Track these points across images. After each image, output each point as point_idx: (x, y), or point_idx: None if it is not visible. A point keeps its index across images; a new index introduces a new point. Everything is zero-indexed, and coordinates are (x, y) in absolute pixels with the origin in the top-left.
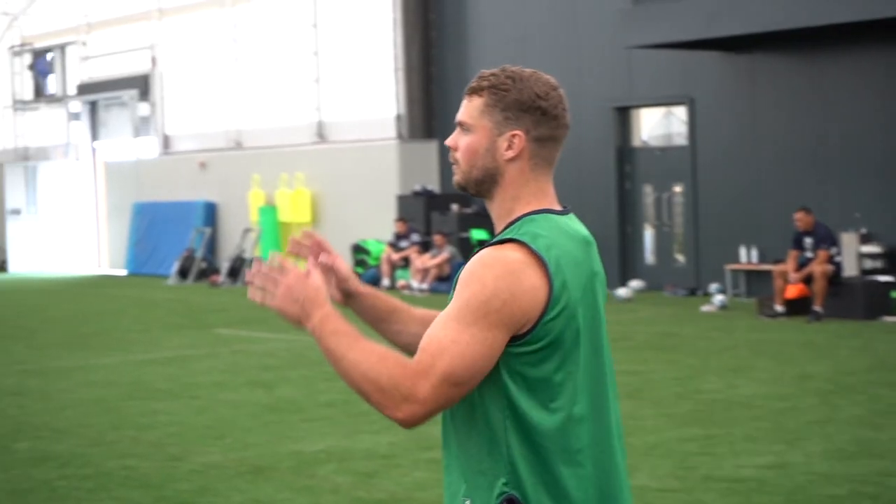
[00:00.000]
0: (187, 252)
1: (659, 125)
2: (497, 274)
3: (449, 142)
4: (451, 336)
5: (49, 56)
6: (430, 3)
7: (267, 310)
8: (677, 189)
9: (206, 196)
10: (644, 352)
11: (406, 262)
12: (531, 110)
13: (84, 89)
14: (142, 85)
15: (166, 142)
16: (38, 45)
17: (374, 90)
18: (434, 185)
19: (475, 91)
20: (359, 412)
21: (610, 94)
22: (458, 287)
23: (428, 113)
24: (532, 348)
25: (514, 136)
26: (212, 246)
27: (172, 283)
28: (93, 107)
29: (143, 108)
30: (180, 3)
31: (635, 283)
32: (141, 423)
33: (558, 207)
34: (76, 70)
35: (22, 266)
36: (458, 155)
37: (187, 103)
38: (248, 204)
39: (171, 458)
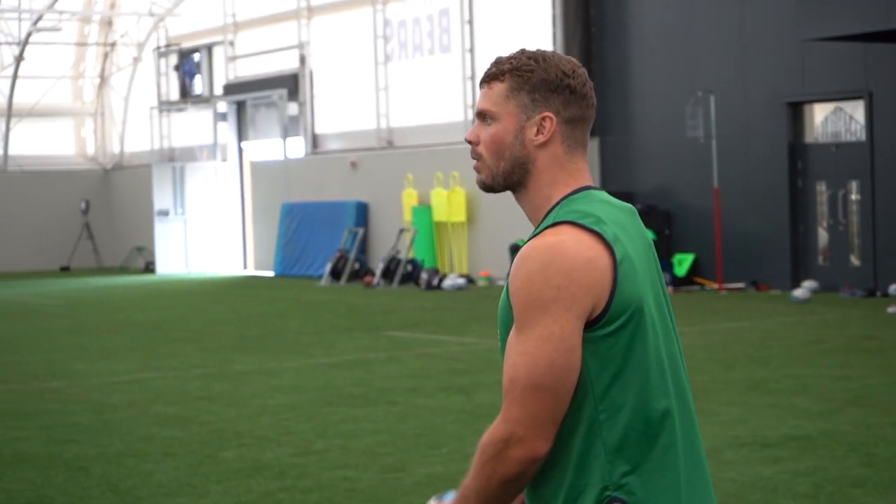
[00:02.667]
0: (340, 253)
1: (832, 121)
2: (543, 262)
3: (469, 136)
4: (518, 350)
5: (196, 56)
6: None
7: (437, 312)
8: (853, 186)
9: (357, 196)
10: (849, 356)
11: None
12: (560, 89)
13: (231, 89)
14: (290, 84)
15: (315, 141)
16: (185, 45)
17: None
18: (596, 184)
19: (495, 77)
20: None
21: (781, 88)
22: (511, 301)
23: None
24: (611, 329)
25: (544, 118)
26: (363, 246)
27: (325, 284)
28: (240, 107)
29: (292, 108)
30: (329, 1)
31: (809, 284)
32: (345, 430)
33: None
34: (223, 70)
35: (168, 267)
36: (482, 149)
37: (337, 102)
38: (402, 204)
39: (389, 469)
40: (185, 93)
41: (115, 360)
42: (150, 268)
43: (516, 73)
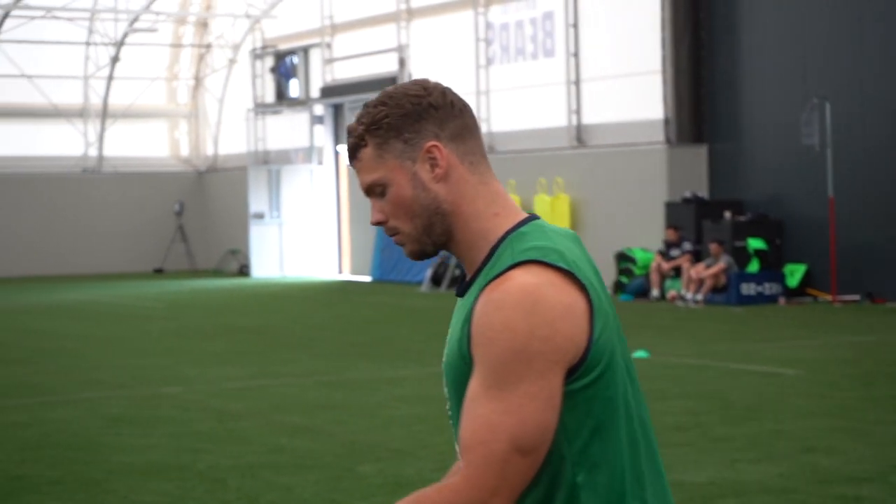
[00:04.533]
0: (441, 259)
1: None
2: (524, 310)
3: (373, 219)
4: (496, 409)
5: (292, 59)
6: (701, 2)
7: None
8: None
9: None
10: None
11: (677, 272)
12: (424, 113)
13: (328, 92)
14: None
15: None
16: (281, 47)
17: (638, 93)
18: (704, 192)
19: (356, 147)
20: (717, 437)
21: None
22: (475, 349)
23: (697, 117)
24: (592, 377)
25: (429, 149)
26: None
27: (425, 290)
28: (336, 110)
29: None
30: (430, 3)
31: None
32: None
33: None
34: (320, 73)
35: (263, 271)
36: (393, 223)
37: None
38: None
39: None
40: (281, 95)
41: (226, 365)
42: (243, 271)
43: (373, 128)
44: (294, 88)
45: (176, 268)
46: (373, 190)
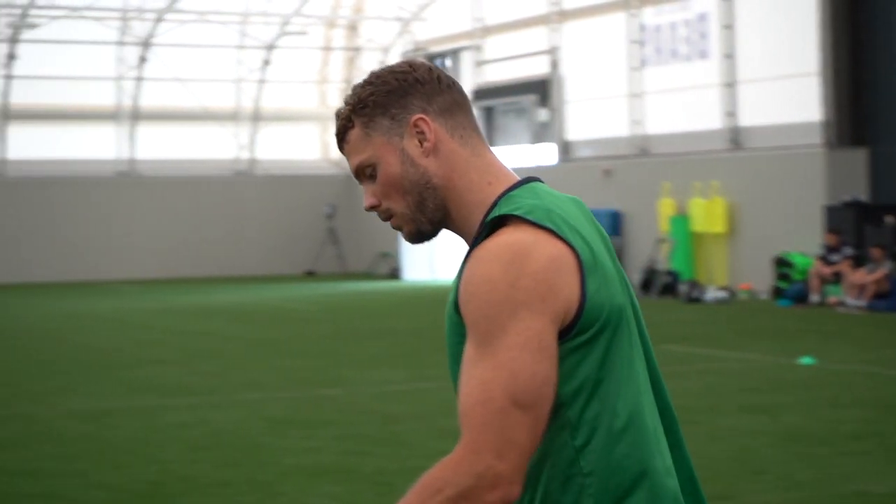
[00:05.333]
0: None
1: None
2: (502, 262)
3: (366, 203)
4: (487, 366)
5: (443, 61)
6: (860, 3)
7: (705, 326)
8: None
9: (611, 205)
10: None
11: (837, 278)
12: (410, 88)
13: (479, 95)
14: (540, 90)
15: (566, 148)
16: (432, 50)
17: (795, 95)
18: (864, 196)
19: (344, 129)
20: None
21: None
22: (463, 311)
23: (857, 119)
24: (588, 335)
25: (416, 122)
26: (618, 256)
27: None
28: (487, 113)
29: (542, 114)
30: (582, 4)
31: None
32: None
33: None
34: (471, 75)
35: (414, 274)
36: (386, 203)
37: (588, 109)
38: (657, 213)
39: (716, 497)
40: None
41: (384, 367)
42: (394, 274)
43: (359, 107)
44: None
45: (327, 270)
46: (363, 171)
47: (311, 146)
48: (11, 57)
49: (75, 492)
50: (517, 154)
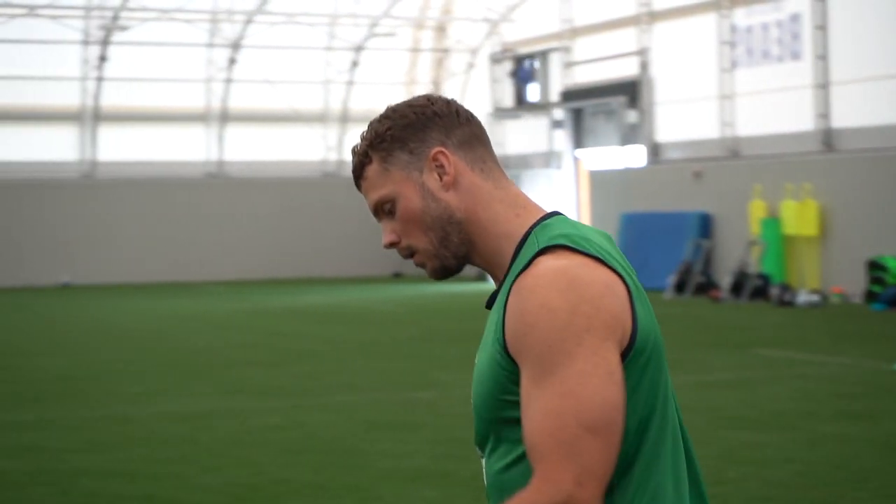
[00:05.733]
0: (684, 265)
1: None
2: (560, 289)
3: (386, 240)
4: (555, 394)
5: (531, 63)
6: None
7: (798, 329)
8: None
9: (701, 207)
10: None
11: None
12: (429, 122)
13: (568, 96)
14: (630, 91)
15: (655, 150)
16: (520, 51)
17: (889, 96)
18: None
19: (361, 165)
20: None
21: None
22: (517, 346)
23: None
24: (643, 361)
25: (436, 156)
26: (708, 259)
27: (669, 296)
28: (576, 114)
29: (631, 116)
30: (673, 5)
31: None
32: (753, 457)
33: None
34: (559, 77)
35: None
36: (406, 240)
37: (678, 110)
38: (748, 215)
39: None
40: (520, 100)
41: (472, 370)
42: (482, 276)
43: (377, 142)
44: (533, 93)
45: (414, 272)
46: (381, 208)
47: None
48: (103, 59)
49: (172, 494)
50: (606, 156)
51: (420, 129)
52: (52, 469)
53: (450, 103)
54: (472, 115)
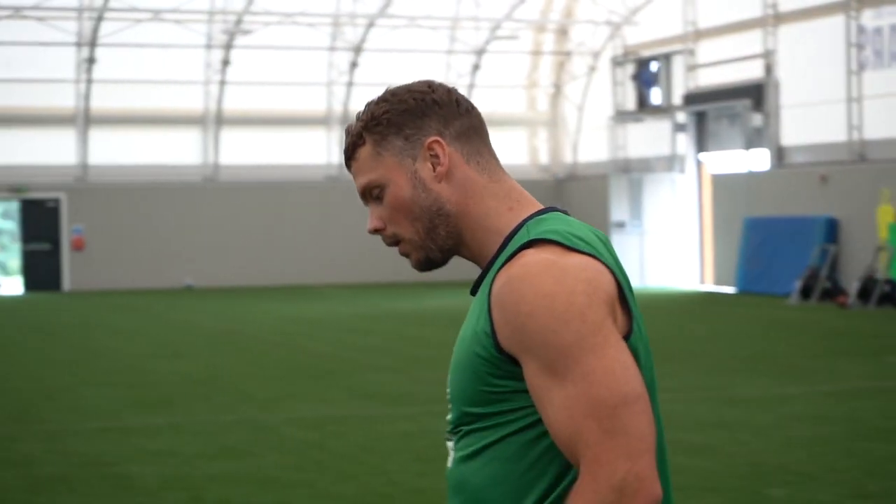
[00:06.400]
0: (810, 271)
1: None
2: (553, 275)
3: (371, 226)
4: (577, 378)
5: (654, 66)
6: None
7: None
8: None
9: (827, 211)
10: None
11: None
12: (427, 109)
13: (691, 99)
14: (754, 94)
15: (780, 154)
16: (643, 54)
17: None
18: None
19: (354, 147)
20: None
21: None
22: (513, 339)
23: None
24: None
25: (431, 145)
26: (834, 265)
27: (794, 302)
28: (699, 118)
29: (756, 119)
30: (799, 7)
31: None
32: (895, 471)
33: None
34: (682, 80)
35: None
36: (392, 229)
37: (804, 113)
38: (876, 221)
39: None
40: (643, 103)
41: None
42: None
43: (372, 124)
44: (656, 96)
45: None
46: (370, 192)
47: (519, 151)
48: (226, 63)
49: (305, 502)
50: (729, 160)
51: (418, 116)
52: (184, 475)
53: (450, 92)
54: (472, 105)
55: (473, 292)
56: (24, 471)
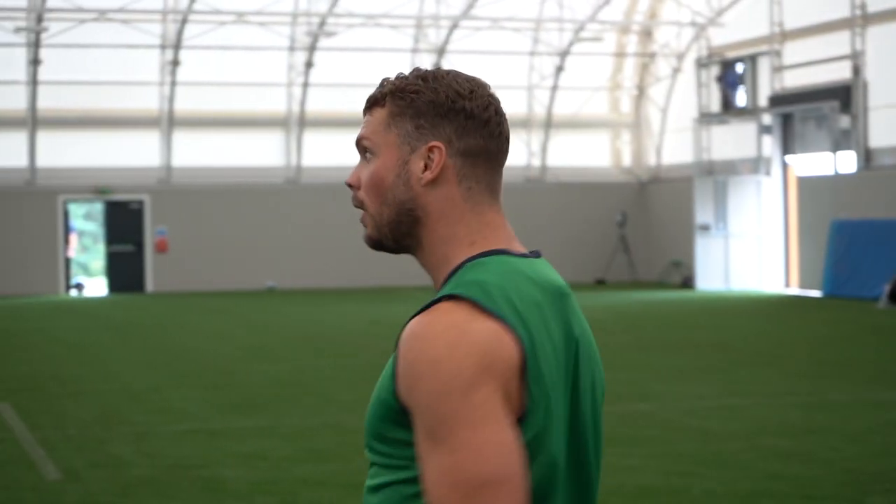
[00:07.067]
0: None
1: None
2: (448, 340)
3: (349, 179)
4: (448, 449)
5: (739, 67)
6: None
7: None
8: None
9: None
10: None
11: None
12: (452, 113)
13: (777, 101)
14: (842, 96)
15: (868, 156)
16: (728, 55)
17: None
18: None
19: (376, 101)
20: None
21: None
22: (407, 398)
23: None
24: (533, 433)
25: (431, 149)
26: None
27: (883, 306)
28: (785, 120)
29: (843, 121)
30: (888, 7)
31: None
32: None
33: (519, 249)
34: (768, 81)
35: (708, 283)
36: (363, 195)
37: (893, 115)
38: None
39: None
40: (727, 105)
41: (692, 381)
42: (686, 283)
43: (398, 96)
44: (741, 97)
45: (617, 279)
46: (361, 146)
47: (602, 153)
48: (309, 65)
49: None
50: (816, 162)
51: (439, 115)
52: (275, 479)
53: (489, 108)
54: (504, 133)
55: None
56: (114, 472)
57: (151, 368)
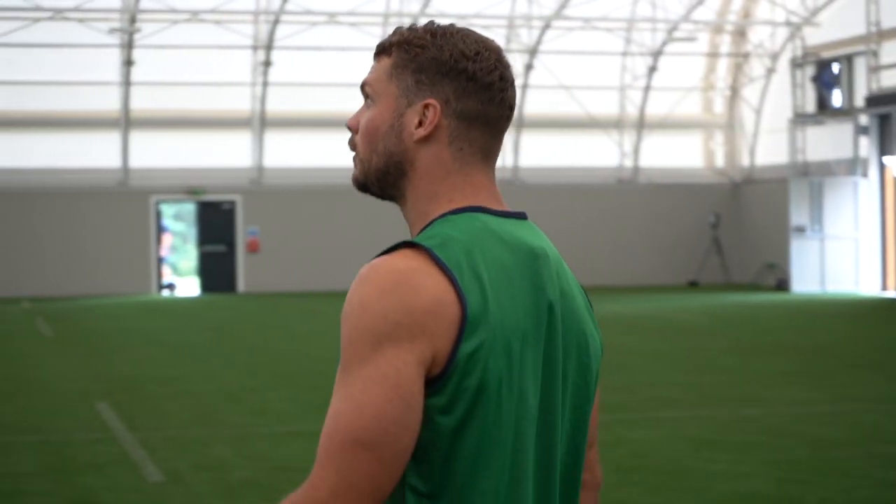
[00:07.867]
0: None
1: None
2: (382, 288)
3: (349, 121)
4: (340, 395)
5: (835, 67)
6: None
7: None
8: None
9: None
10: None
11: None
12: (453, 73)
13: (874, 101)
14: None
15: None
16: (823, 55)
17: None
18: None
19: (383, 50)
20: None
21: None
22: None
23: None
24: (444, 400)
25: (426, 106)
26: None
27: None
28: (882, 120)
29: None
30: None
31: None
32: None
33: (500, 207)
34: (864, 81)
35: (804, 286)
36: (358, 139)
37: None
38: None
39: None
40: (823, 105)
41: (796, 386)
42: (781, 285)
43: (404, 48)
44: (837, 98)
45: (710, 280)
46: (364, 91)
47: (695, 154)
48: None
49: None
50: None
51: (440, 73)
52: None
53: (493, 72)
54: (507, 100)
55: None
56: (217, 475)
57: (248, 369)
